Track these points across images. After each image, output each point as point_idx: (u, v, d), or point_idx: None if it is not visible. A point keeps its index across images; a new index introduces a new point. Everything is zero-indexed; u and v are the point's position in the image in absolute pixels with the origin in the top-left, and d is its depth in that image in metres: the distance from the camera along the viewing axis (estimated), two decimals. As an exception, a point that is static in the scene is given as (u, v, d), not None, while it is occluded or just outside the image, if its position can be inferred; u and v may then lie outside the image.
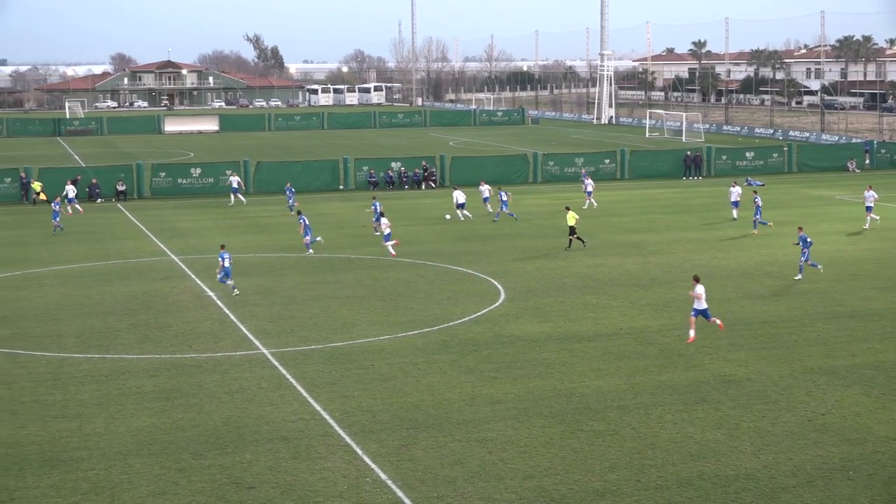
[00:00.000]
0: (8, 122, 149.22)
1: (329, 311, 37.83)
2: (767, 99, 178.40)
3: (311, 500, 21.39)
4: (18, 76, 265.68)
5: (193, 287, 42.27)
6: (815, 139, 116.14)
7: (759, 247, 50.19)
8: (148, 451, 24.14)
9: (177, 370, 30.56)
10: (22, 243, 53.95)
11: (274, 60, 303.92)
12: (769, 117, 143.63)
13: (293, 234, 55.31)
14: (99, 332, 35.05)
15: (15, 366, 31.21)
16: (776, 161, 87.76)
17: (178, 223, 59.89)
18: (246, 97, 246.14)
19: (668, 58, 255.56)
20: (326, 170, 78.83)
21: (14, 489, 22.07)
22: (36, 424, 26.07)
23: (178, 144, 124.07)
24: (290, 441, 24.68)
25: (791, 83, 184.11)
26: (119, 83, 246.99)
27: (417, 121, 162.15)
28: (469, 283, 42.51)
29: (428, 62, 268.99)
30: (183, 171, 76.42)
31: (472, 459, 23.40)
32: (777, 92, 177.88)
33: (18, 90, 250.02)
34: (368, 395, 28.09)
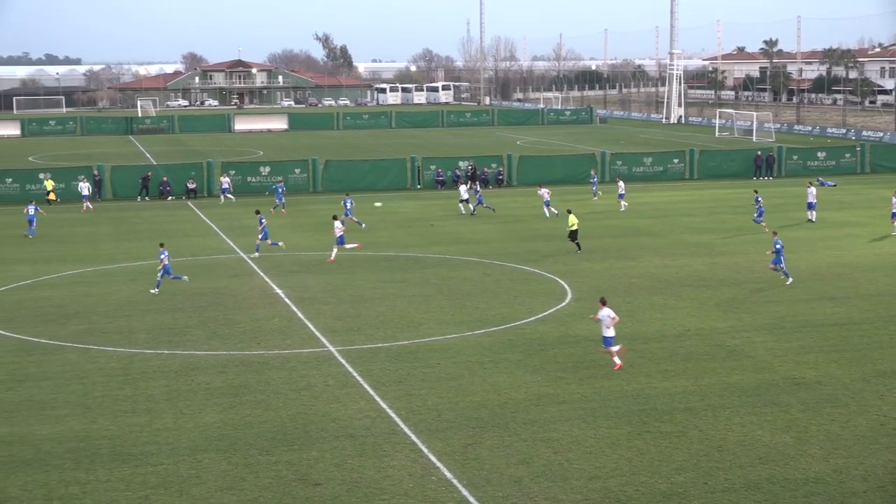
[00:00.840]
0: (82, 121, 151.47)
1: (396, 309, 37.94)
2: (840, 98, 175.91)
3: (377, 497, 21.46)
4: (92, 75, 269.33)
5: (262, 284, 42.60)
6: (889, 139, 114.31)
7: (829, 248, 49.55)
8: (216, 447, 24.37)
9: (245, 367, 30.82)
10: (93, 240, 54.70)
11: (343, 60, 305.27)
12: (842, 117, 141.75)
13: (362, 232, 55.58)
14: (169, 329, 35.44)
15: (87, 361, 31.66)
16: (848, 161, 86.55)
17: (247, 221, 60.28)
18: (315, 96, 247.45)
19: (739, 57, 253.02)
20: (394, 169, 78.99)
21: (86, 482, 22.39)
22: (107, 419, 26.42)
23: (247, 143, 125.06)
24: (356, 438, 24.79)
25: (864, 82, 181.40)
26: (190, 82, 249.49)
27: (485, 120, 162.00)
28: (535, 283, 42.42)
29: (496, 61, 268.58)
30: (252, 169, 77.00)
31: (538, 459, 23.35)
32: (850, 91, 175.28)
33: (92, 89, 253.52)
34: (434, 393, 28.13)
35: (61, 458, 23.80)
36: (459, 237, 54.01)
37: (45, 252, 50.60)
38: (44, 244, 53.03)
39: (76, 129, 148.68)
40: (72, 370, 30.66)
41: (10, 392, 28.61)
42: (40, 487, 22.12)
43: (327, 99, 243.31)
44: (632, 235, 54.01)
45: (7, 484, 22.29)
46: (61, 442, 24.80)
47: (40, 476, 22.74)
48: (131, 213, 65.26)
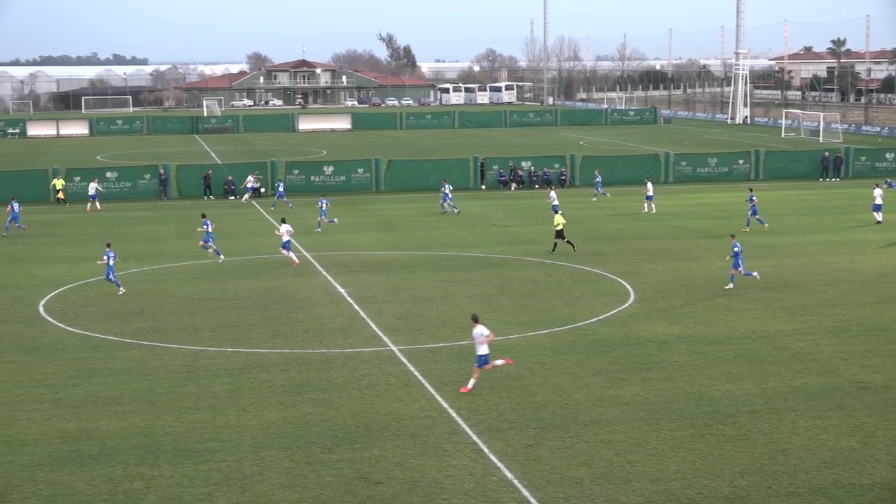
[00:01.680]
0: (148, 120, 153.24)
1: (458, 309, 37.95)
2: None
3: (438, 497, 21.48)
4: (158, 75, 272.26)
5: (324, 283, 42.81)
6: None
7: (898, 250, 48.89)
8: (278, 444, 24.53)
9: (307, 365, 30.99)
10: (159, 238, 55.31)
11: (406, 60, 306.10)
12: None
13: (424, 231, 55.76)
14: (232, 326, 35.73)
15: (152, 358, 32.01)
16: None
17: (311, 220, 60.63)
18: (378, 96, 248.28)
19: (806, 56, 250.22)
20: (457, 168, 78.99)
21: (150, 477, 22.64)
22: (171, 415, 26.69)
23: (311, 142, 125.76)
24: (418, 438, 24.83)
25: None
26: (255, 82, 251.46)
27: (548, 120, 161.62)
28: (598, 284, 42.24)
29: (559, 61, 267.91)
30: (316, 168, 77.43)
31: (599, 461, 23.25)
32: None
33: (158, 89, 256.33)
34: (495, 393, 28.10)
35: (126, 453, 24.08)
36: (521, 237, 53.91)
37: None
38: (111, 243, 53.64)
39: (143, 128, 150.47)
40: (137, 367, 31.01)
41: (78, 388, 29.01)
42: (106, 482, 22.40)
43: (390, 99, 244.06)
44: (695, 237, 53.63)
45: (74, 478, 22.60)
46: (126, 437, 25.10)
47: (106, 471, 23.03)
48: (196, 211, 65.75)
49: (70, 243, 53.65)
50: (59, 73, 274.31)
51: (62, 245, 53.20)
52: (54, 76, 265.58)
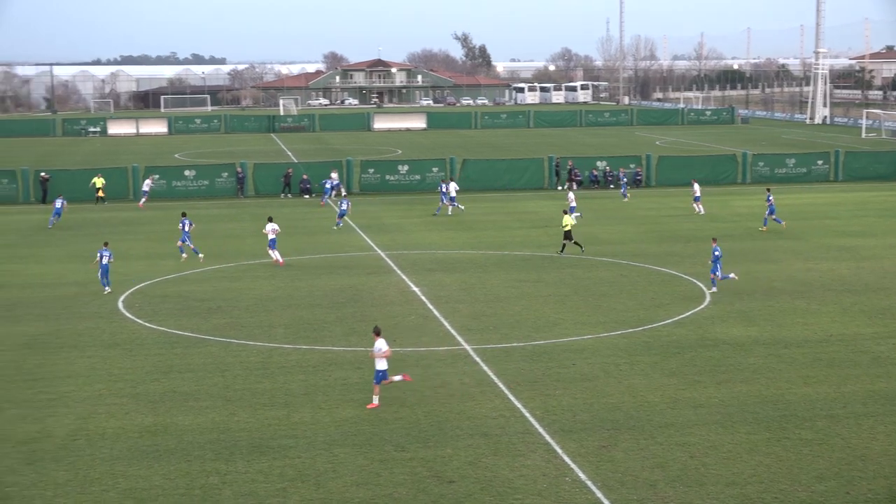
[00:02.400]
0: (226, 119, 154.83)
1: (532, 309, 37.89)
2: None
3: (511, 497, 21.47)
4: (236, 74, 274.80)
5: (399, 282, 42.96)
6: None
7: (982, 253, 47.93)
8: (352, 442, 24.66)
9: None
10: (236, 235, 55.85)
11: (481, 59, 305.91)
12: None
13: (498, 231, 55.72)
14: (307, 324, 35.98)
15: (228, 354, 32.35)
16: None
17: (386, 219, 60.93)
18: (453, 95, 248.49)
19: (888, 55, 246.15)
20: (532, 168, 78.80)
21: (225, 473, 22.88)
22: (246, 411, 26.95)
23: (386, 141, 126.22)
24: (491, 437, 24.83)
25: None
26: (331, 81, 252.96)
27: (624, 119, 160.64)
28: (673, 285, 41.92)
29: (636, 60, 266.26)
30: (391, 167, 77.66)
31: (674, 463, 23.09)
32: None
33: (236, 88, 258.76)
34: (569, 394, 28.02)
35: (202, 448, 24.36)
36: (596, 238, 53.65)
37: (188, 248, 51.79)
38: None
39: (220, 126, 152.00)
40: (213, 363, 31.36)
41: (156, 383, 29.40)
42: (182, 477, 22.68)
43: (465, 98, 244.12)
44: (773, 238, 53.00)
45: (151, 472, 22.92)
46: (202, 433, 25.39)
47: (182, 465, 23.32)
48: (272, 209, 66.32)
49: (149, 240, 54.38)
50: (140, 72, 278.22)
51: (141, 242, 53.95)
52: (134, 76, 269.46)
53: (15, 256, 50.24)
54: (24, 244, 53.82)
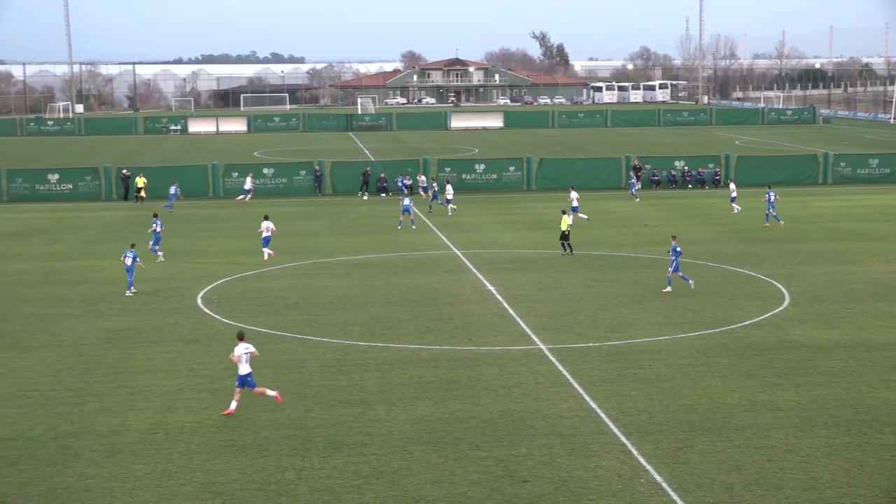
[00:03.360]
0: (304, 117, 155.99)
1: (608, 309, 37.69)
2: None
3: (585, 497, 21.37)
4: (315, 73, 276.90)
5: (474, 281, 42.96)
6: None
7: None
8: (427, 440, 24.71)
9: (456, 362, 31.13)
10: (313, 233, 56.24)
11: (559, 58, 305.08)
12: None
13: (575, 231, 55.34)
14: (383, 322, 36.12)
15: (305, 351, 32.57)
16: None
17: (462, 218, 60.95)
18: (530, 94, 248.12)
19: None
20: (609, 167, 78.40)
21: (301, 469, 23.04)
22: (322, 408, 27.11)
23: (463, 140, 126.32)
24: (566, 437, 24.74)
25: None
26: (408, 80, 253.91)
27: (703, 119, 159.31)
28: (751, 286, 41.45)
29: (715, 59, 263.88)
30: (467, 166, 77.72)
31: (751, 466, 22.82)
32: None
33: (315, 87, 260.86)
34: (645, 395, 27.83)
35: (279, 444, 24.56)
36: (674, 238, 53.22)
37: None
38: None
39: (299, 125, 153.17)
40: (290, 359, 31.60)
41: (233, 379, 29.55)
42: (259, 472, 22.88)
43: (542, 97, 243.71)
44: (854, 239, 52.20)
45: (228, 467, 23.15)
46: (279, 428, 25.59)
47: (259, 461, 23.53)
48: (349, 207, 66.82)
49: (227, 237, 54.97)
50: (220, 71, 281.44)
51: (220, 239, 54.56)
52: (215, 74, 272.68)
53: (97, 252, 51.08)
54: (106, 240, 54.67)
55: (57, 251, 51.26)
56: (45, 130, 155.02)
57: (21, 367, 31.11)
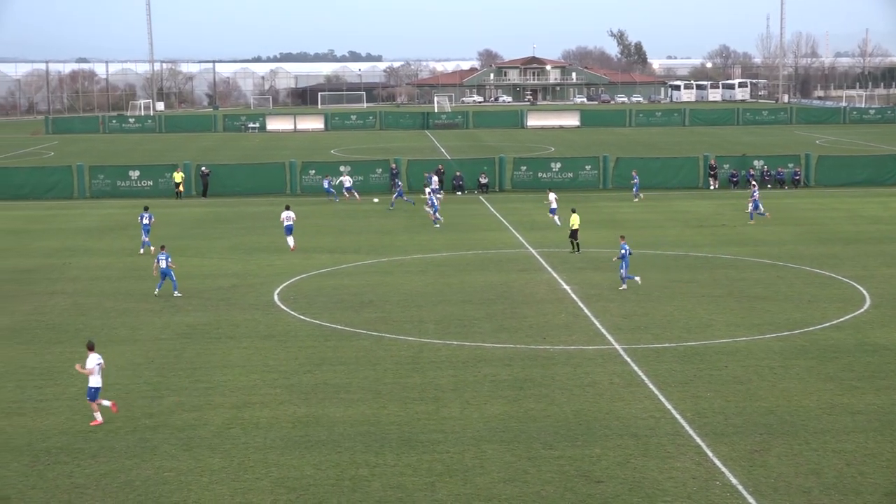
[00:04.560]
0: (381, 115, 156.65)
1: (684, 309, 37.38)
2: None
3: (659, 499, 21.21)
4: (392, 72, 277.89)
5: (550, 280, 42.85)
6: None
7: None
8: (500, 438, 24.68)
9: (530, 361, 31.07)
10: (388, 231, 56.44)
11: (637, 56, 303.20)
12: None
13: (651, 230, 55.12)
14: (457, 320, 36.14)
15: (380, 348, 32.71)
16: None
17: (537, 217, 60.77)
18: (607, 93, 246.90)
19: None
20: (686, 167, 77.74)
21: (374, 465, 23.14)
22: (396, 405, 27.20)
23: (539, 139, 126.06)
24: (640, 438, 24.58)
25: None
26: (485, 78, 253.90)
27: (782, 118, 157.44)
28: (831, 288, 40.86)
29: (796, 58, 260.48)
30: (543, 165, 77.55)
31: (829, 470, 22.49)
32: None
33: (392, 85, 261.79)
34: (721, 396, 27.56)
35: (353, 440, 24.68)
36: (751, 238, 52.69)
37: (342, 243, 52.67)
38: (341, 235, 55.24)
39: (375, 123, 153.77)
40: (365, 356, 31.74)
41: (308, 375, 29.91)
42: (333, 467, 23.02)
43: (620, 96, 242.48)
44: (938, 241, 51.24)
45: (303, 462, 23.32)
46: (353, 425, 25.72)
47: (333, 456, 23.66)
48: (421, 206, 66.89)
49: (304, 235, 55.30)
50: (298, 69, 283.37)
51: (297, 237, 54.88)
52: (293, 73, 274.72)
53: (177, 248, 51.60)
54: (185, 236, 55.36)
55: (137, 247, 51.98)
56: (127, 128, 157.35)
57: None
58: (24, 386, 29.24)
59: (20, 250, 51.75)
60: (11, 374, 30.40)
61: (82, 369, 26.25)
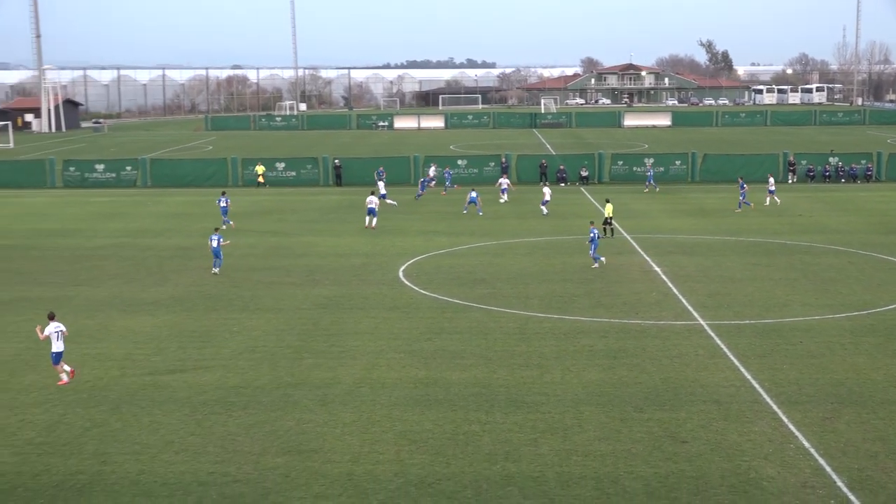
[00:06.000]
0: (494, 116, 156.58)
1: (763, 290, 36.70)
2: None
3: (738, 458, 20.91)
4: (504, 77, 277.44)
5: (642, 262, 42.41)
6: None
7: None
8: (596, 402, 24.56)
9: (623, 333, 30.83)
10: (498, 217, 56.34)
11: (724, 63, 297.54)
12: None
13: (734, 219, 54.20)
14: (559, 297, 35.99)
15: (490, 320, 32.74)
16: None
17: (633, 206, 60.17)
18: (696, 96, 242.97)
19: None
20: (767, 163, 76.14)
21: (485, 422, 23.21)
22: (505, 370, 27.22)
23: (634, 137, 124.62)
24: (721, 404, 24.24)
25: None
26: (586, 83, 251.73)
27: (856, 119, 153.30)
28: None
29: (870, 64, 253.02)
30: (638, 160, 76.68)
31: (894, 437, 21.91)
32: None
33: (503, 88, 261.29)
34: (796, 369, 27.02)
35: (466, 400, 24.78)
36: (826, 227, 51.45)
37: (458, 227, 52.79)
38: (458, 220, 55.31)
39: (489, 122, 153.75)
40: (477, 327, 31.80)
41: (428, 342, 30.09)
42: (449, 423, 23.15)
43: (708, 99, 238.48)
44: None
45: (423, 418, 23.50)
46: (466, 387, 25.81)
47: (449, 414, 23.80)
48: (532, 195, 66.63)
49: (425, 220, 55.62)
50: (422, 75, 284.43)
51: (419, 221, 55.25)
52: (417, 78, 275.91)
53: (314, 230, 52.44)
54: (322, 220, 56.04)
55: (281, 229, 52.81)
56: (274, 126, 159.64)
57: (250, 326, 32.22)
58: (186, 347, 29.96)
59: (183, 231, 52.96)
60: (175, 336, 31.18)
61: (40, 333, 26.12)
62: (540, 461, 20.91)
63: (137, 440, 22.37)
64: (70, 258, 45.04)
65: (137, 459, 21.28)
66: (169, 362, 28.36)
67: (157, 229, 53.28)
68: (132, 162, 78.42)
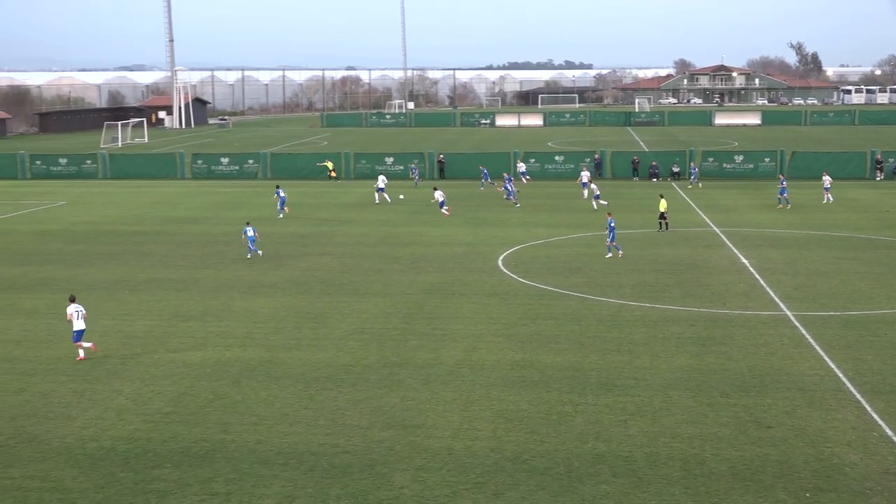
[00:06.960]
0: (590, 114, 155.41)
1: (848, 283, 35.71)
2: None
3: (822, 444, 20.42)
4: (600, 78, 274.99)
5: (730, 255, 41.64)
6: None
7: None
8: (684, 386, 24.23)
9: (711, 322, 30.32)
10: (592, 210, 55.83)
11: (813, 64, 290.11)
12: None
13: (820, 214, 52.87)
14: (650, 286, 35.57)
15: (584, 307, 32.52)
16: None
17: (722, 201, 59.12)
18: (786, 96, 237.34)
19: None
20: (854, 160, 74.05)
21: (577, 403, 23.08)
22: (597, 355, 27.02)
23: (724, 135, 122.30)
24: (806, 392, 23.69)
25: None
26: (679, 83, 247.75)
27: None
28: (985, 268, 38.21)
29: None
30: (727, 157, 75.27)
31: (977, 428, 21.15)
32: None
33: (599, 89, 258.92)
34: (880, 359, 26.24)
35: (559, 382, 24.67)
36: None
37: (555, 219, 52.52)
38: (555, 213, 55.03)
39: (585, 120, 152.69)
40: (571, 313, 31.62)
41: (524, 327, 30.03)
42: (543, 404, 23.08)
43: (797, 98, 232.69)
44: None
45: (519, 398, 23.48)
46: (560, 370, 25.70)
47: (543, 395, 23.73)
48: (624, 190, 66.01)
49: (523, 211, 55.47)
50: (522, 76, 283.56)
51: (517, 213, 55.12)
52: (518, 78, 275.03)
53: (419, 221, 52.70)
54: (427, 211, 56.25)
55: (389, 219, 53.19)
56: (384, 123, 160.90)
57: (360, 309, 32.55)
58: (301, 326, 30.41)
59: (299, 219, 53.73)
60: (291, 317, 31.68)
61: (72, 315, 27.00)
62: (629, 441, 20.71)
63: (256, 412, 22.81)
64: (197, 244, 46.10)
65: (255, 430, 21.69)
66: (285, 341, 28.82)
67: (275, 217, 54.16)
68: (254, 156, 79.92)
